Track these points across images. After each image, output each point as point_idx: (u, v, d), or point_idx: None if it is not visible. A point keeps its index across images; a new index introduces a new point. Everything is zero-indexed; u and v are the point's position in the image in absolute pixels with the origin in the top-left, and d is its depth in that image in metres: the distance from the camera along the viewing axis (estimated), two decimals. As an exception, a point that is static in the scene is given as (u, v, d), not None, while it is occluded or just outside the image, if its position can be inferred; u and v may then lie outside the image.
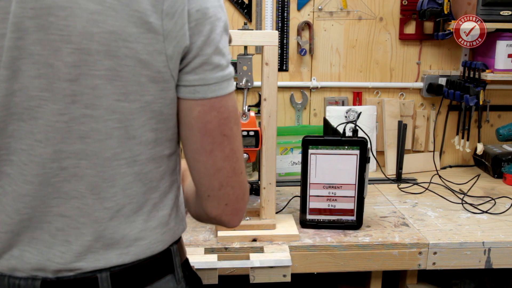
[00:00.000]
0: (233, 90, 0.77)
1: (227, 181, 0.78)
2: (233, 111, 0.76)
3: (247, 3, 2.00)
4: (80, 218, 0.74)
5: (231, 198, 0.80)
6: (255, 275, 1.33)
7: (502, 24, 1.87)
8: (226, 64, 0.75)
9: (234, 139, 0.77)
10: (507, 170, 1.97)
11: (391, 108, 2.08)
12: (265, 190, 1.42)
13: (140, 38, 0.68)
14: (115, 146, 0.72)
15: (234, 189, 0.79)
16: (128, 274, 0.77)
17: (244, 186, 0.81)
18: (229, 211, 0.81)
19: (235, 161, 0.78)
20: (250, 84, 1.39)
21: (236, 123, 0.77)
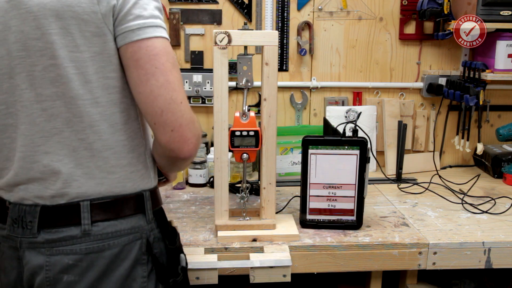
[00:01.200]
0: (161, 36, 0.95)
1: (167, 107, 0.93)
2: (163, 50, 0.94)
3: (247, 3, 2.00)
4: (60, 151, 0.96)
5: (175, 124, 0.94)
6: (255, 275, 1.33)
7: (502, 24, 1.87)
8: (148, 15, 0.94)
9: (167, 71, 0.94)
10: (507, 170, 1.97)
11: (391, 108, 2.08)
12: (265, 190, 1.42)
13: (80, 3, 0.91)
14: (77, 88, 0.94)
15: (175, 116, 0.94)
16: (104, 205, 0.98)
17: (186, 114, 0.95)
18: (176, 138, 0.95)
19: (172, 90, 0.94)
20: (250, 84, 1.39)
21: (169, 61, 0.94)
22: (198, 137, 0.99)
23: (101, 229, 0.97)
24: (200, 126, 1.02)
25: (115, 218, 0.99)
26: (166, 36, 0.97)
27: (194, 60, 2.03)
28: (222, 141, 1.38)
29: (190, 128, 0.96)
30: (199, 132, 1.00)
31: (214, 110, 1.36)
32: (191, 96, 2.04)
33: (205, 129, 2.09)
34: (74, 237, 0.96)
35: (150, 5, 0.95)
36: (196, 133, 0.98)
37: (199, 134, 1.00)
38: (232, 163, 1.88)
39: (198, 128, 0.99)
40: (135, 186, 1.02)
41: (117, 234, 0.99)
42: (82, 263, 0.96)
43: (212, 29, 2.00)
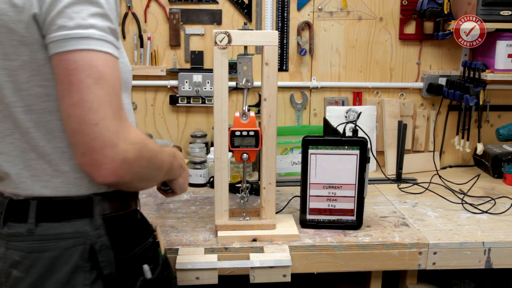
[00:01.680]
0: (86, 49, 0.86)
1: (78, 129, 0.86)
2: (84, 65, 0.86)
3: (247, 3, 2.00)
4: (12, 152, 0.96)
5: (86, 147, 0.87)
6: (255, 275, 1.33)
7: (502, 24, 1.87)
8: (74, 26, 0.85)
9: (85, 89, 0.85)
10: (507, 170, 1.97)
11: (391, 108, 2.08)
12: (265, 190, 1.42)
13: (6, 12, 0.88)
14: (9, 95, 0.92)
15: (86, 138, 0.86)
16: (50, 205, 0.96)
17: (101, 137, 0.86)
18: (87, 162, 0.88)
19: (86, 110, 0.85)
20: (250, 84, 1.39)
21: (91, 77, 0.86)
22: (123, 162, 0.88)
23: (44, 230, 0.96)
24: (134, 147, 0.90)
25: (59, 220, 0.96)
26: (96, 48, 0.87)
27: (194, 60, 2.04)
28: (222, 141, 1.38)
29: (105, 153, 0.86)
30: (124, 155, 0.88)
31: (214, 110, 1.36)
32: (191, 96, 2.04)
33: (205, 129, 2.09)
34: (21, 234, 0.96)
35: (81, 13, 0.86)
36: (117, 158, 0.87)
37: (124, 158, 0.88)
38: (232, 163, 1.88)
39: (121, 151, 0.87)
40: (82, 191, 0.98)
41: (58, 237, 0.95)
42: (26, 261, 0.96)
43: (212, 29, 2.00)
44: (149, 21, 2.01)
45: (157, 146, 1.02)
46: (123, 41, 2.00)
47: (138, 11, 1.99)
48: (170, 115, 2.10)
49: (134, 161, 0.90)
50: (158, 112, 2.09)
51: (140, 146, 0.91)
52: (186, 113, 2.10)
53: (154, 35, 2.02)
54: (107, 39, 0.88)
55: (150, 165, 0.97)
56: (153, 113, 2.09)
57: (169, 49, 2.03)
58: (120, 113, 0.89)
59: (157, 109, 2.09)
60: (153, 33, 2.02)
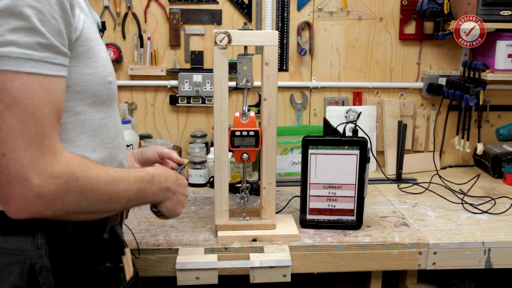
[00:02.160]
0: (3, 70, 0.76)
1: None
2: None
3: (247, 3, 2.00)
4: None
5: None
6: (255, 275, 1.33)
7: (502, 24, 1.87)
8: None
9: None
10: (507, 170, 1.97)
11: (391, 108, 2.08)
12: (265, 190, 1.42)
13: None
14: None
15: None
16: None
17: (5, 171, 0.77)
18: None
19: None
20: (250, 84, 1.39)
21: (2, 102, 0.76)
22: (35, 198, 0.79)
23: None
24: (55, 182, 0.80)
25: (3, 233, 0.87)
26: (11, 68, 0.77)
27: (194, 60, 2.04)
28: (222, 141, 1.38)
29: (12, 187, 0.77)
30: (38, 191, 0.79)
31: (214, 110, 1.36)
32: (191, 96, 2.04)
33: (205, 129, 2.09)
34: None
35: (0, 27, 0.76)
36: (26, 194, 0.78)
37: (38, 194, 0.79)
38: (232, 163, 1.88)
39: (34, 187, 0.78)
40: None
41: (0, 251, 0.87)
42: None
43: (212, 29, 2.00)
44: (149, 21, 2.01)
45: (108, 174, 0.90)
46: (123, 41, 2.01)
47: (138, 11, 1.99)
48: (170, 115, 2.10)
49: (55, 196, 0.80)
50: (158, 112, 2.09)
51: (66, 180, 0.81)
52: (186, 113, 2.10)
53: (154, 35, 2.02)
54: (32, 56, 0.77)
55: (85, 199, 0.86)
56: (153, 113, 2.09)
57: (169, 49, 2.04)
58: (41, 142, 0.79)
59: (157, 109, 2.09)
60: (153, 33, 2.02)
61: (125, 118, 1.87)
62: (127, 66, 2.02)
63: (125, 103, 2.04)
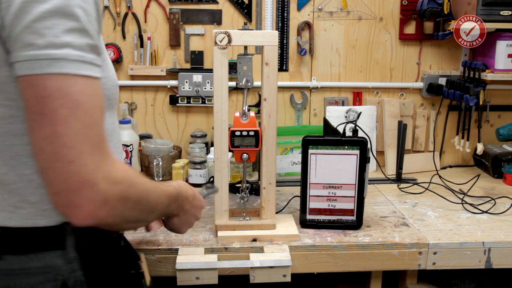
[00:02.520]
0: (58, 73, 0.74)
1: (49, 166, 0.75)
2: (57, 93, 0.73)
3: (247, 3, 2.00)
4: None
5: (60, 187, 0.75)
6: (255, 275, 1.33)
7: (502, 24, 1.87)
8: (45, 44, 0.73)
9: (58, 121, 0.73)
10: (507, 170, 1.97)
11: (391, 108, 2.08)
12: (265, 190, 1.42)
13: None
14: None
15: (60, 178, 0.75)
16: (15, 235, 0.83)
17: (76, 177, 0.75)
18: (61, 202, 0.77)
19: (60, 145, 0.74)
20: (250, 84, 1.39)
21: (66, 106, 0.74)
22: (102, 203, 0.77)
23: (8, 265, 0.83)
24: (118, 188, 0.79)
25: (25, 253, 0.83)
26: (71, 71, 0.74)
27: (194, 60, 2.03)
28: (222, 141, 1.38)
29: (82, 194, 0.75)
30: (105, 196, 0.77)
31: (214, 110, 1.36)
32: (191, 96, 2.04)
33: (205, 129, 2.09)
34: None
35: (56, 28, 0.73)
36: (97, 199, 0.76)
37: (105, 199, 0.77)
38: (232, 163, 1.88)
39: (102, 192, 0.77)
40: (52, 220, 0.85)
41: (25, 272, 0.83)
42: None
43: (212, 29, 2.00)
44: (149, 21, 2.01)
45: (151, 185, 0.89)
46: (123, 41, 2.01)
47: (138, 11, 1.99)
48: (170, 115, 2.10)
49: (117, 202, 0.79)
50: (158, 112, 2.09)
51: (127, 186, 0.81)
52: (186, 113, 2.10)
53: (154, 35, 2.02)
54: (85, 59, 0.76)
55: (138, 207, 0.86)
56: (153, 113, 2.09)
57: (169, 49, 2.04)
58: (101, 146, 0.78)
59: (157, 109, 2.09)
60: (153, 33, 2.02)
61: (125, 118, 1.87)
62: (127, 66, 2.02)
63: (125, 103, 2.04)
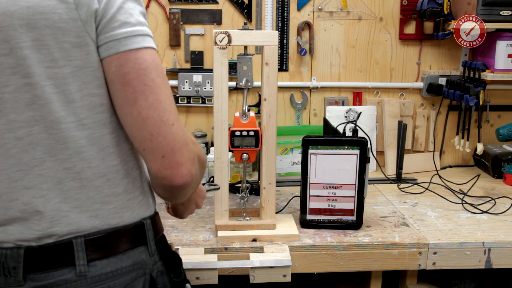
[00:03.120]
0: (150, 47, 0.83)
1: (157, 131, 0.81)
2: (153, 64, 0.82)
3: (247, 3, 2.00)
4: (43, 185, 0.83)
5: (166, 149, 0.82)
6: (255, 275, 1.33)
7: (502, 24, 1.87)
8: (135, 22, 0.82)
9: (158, 89, 0.81)
10: (507, 170, 1.97)
11: (391, 108, 2.08)
12: (265, 190, 1.42)
13: (55, 9, 0.77)
14: (59, 110, 0.81)
15: (167, 140, 0.82)
16: (101, 240, 0.85)
17: (178, 137, 0.83)
18: (167, 164, 0.82)
19: (162, 111, 0.81)
20: (250, 84, 1.39)
21: (159, 76, 0.82)
22: (194, 160, 0.85)
23: (99, 269, 0.84)
24: (196, 146, 0.89)
25: (114, 254, 0.86)
26: (154, 46, 0.85)
27: (194, 60, 2.03)
28: (222, 141, 1.38)
29: (183, 153, 0.83)
30: (195, 153, 0.87)
31: (214, 110, 1.36)
32: (191, 96, 2.04)
33: (205, 129, 2.09)
34: (67, 281, 0.82)
35: (135, 10, 0.82)
36: (190, 157, 0.84)
37: (195, 156, 0.86)
38: (232, 163, 1.88)
39: (192, 150, 0.86)
40: (133, 215, 0.90)
41: (118, 273, 0.86)
42: None
43: (212, 29, 2.00)
44: (149, 21, 2.01)
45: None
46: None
47: (138, 11, 1.99)
48: (170, 115, 2.09)
49: (197, 160, 0.88)
50: (158, 112, 2.09)
51: (193, 142, 0.89)
52: (186, 113, 2.10)
53: (154, 35, 2.00)
54: (152, 36, 0.86)
55: (201, 165, 0.93)
56: (153, 113, 2.09)
57: (169, 49, 2.04)
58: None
59: (157, 109, 2.08)
60: (153, 33, 2.00)
61: (125, 118, 1.87)
62: (127, 66, 2.02)
63: (125, 103, 2.04)
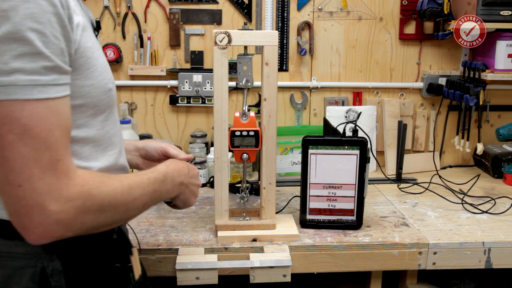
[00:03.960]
0: (6, 99, 0.74)
1: (2, 189, 0.77)
2: (4, 120, 0.74)
3: (247, 3, 2.00)
4: None
5: (11, 209, 0.78)
6: (255, 275, 1.33)
7: (502, 24, 1.87)
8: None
9: (6, 147, 0.75)
10: (507, 170, 1.97)
11: (391, 108, 2.08)
12: (265, 190, 1.42)
13: None
14: None
15: (11, 200, 0.77)
16: (6, 224, 0.84)
17: (25, 201, 0.76)
18: (15, 223, 0.79)
19: (8, 171, 0.76)
20: (250, 84, 1.39)
21: (13, 133, 0.75)
22: (54, 224, 0.78)
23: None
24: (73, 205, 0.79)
25: (12, 238, 0.86)
26: (19, 97, 0.74)
27: (194, 60, 2.04)
28: (222, 141, 1.38)
29: (31, 217, 0.76)
30: (57, 217, 0.78)
31: (214, 110, 1.36)
32: (191, 96, 2.04)
33: (205, 129, 2.09)
34: None
35: (4, 55, 0.73)
36: (44, 221, 0.77)
37: (57, 220, 0.78)
38: (232, 163, 1.88)
39: (53, 213, 0.77)
40: None
41: (10, 255, 0.88)
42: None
43: (212, 29, 2.00)
44: (149, 21, 2.01)
45: (124, 183, 0.89)
46: (123, 41, 2.01)
47: (138, 11, 1.99)
48: (170, 115, 2.10)
49: (74, 219, 0.80)
50: (158, 112, 2.09)
51: (83, 201, 0.81)
52: (186, 113, 2.10)
53: (154, 35, 2.02)
54: (38, 82, 0.75)
55: (104, 214, 0.85)
56: (153, 113, 2.09)
57: (169, 49, 2.04)
58: (56, 167, 0.78)
59: (157, 109, 2.09)
60: (153, 33, 2.02)
61: (125, 118, 1.87)
62: (127, 66, 2.02)
63: (125, 103, 2.04)
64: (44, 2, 0.75)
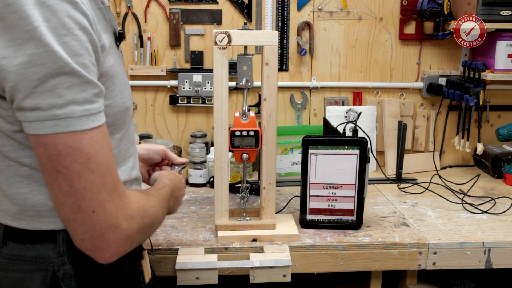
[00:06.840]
0: (66, 132, 0.76)
1: (74, 217, 0.80)
2: (68, 150, 0.77)
3: (247, 3, 2.00)
4: None
5: (86, 235, 0.81)
6: (255, 275, 1.33)
7: (502, 24, 1.87)
8: (48, 106, 0.75)
9: (73, 177, 0.78)
10: (507, 170, 1.97)
11: (391, 108, 2.08)
12: (265, 190, 1.42)
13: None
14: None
15: (85, 226, 0.80)
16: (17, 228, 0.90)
17: (99, 224, 0.80)
18: (87, 247, 0.82)
19: (80, 199, 0.78)
20: (250, 84, 1.39)
21: (78, 163, 0.77)
22: (125, 241, 0.83)
23: (9, 249, 0.91)
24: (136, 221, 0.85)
25: (24, 242, 0.90)
26: (77, 128, 0.77)
27: (194, 60, 2.03)
28: (222, 141, 1.38)
29: (106, 237, 0.81)
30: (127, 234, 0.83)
31: (214, 110, 1.36)
32: (191, 96, 2.04)
33: (205, 129, 2.09)
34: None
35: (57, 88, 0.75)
36: (118, 239, 0.82)
37: (127, 236, 0.83)
38: (232, 163, 1.88)
39: (124, 231, 0.83)
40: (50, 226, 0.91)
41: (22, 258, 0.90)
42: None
43: (212, 29, 2.00)
44: (149, 21, 2.01)
45: (156, 200, 0.96)
46: (123, 41, 2.00)
47: (138, 11, 1.99)
48: (170, 115, 2.10)
49: (137, 234, 0.86)
50: (158, 112, 2.09)
51: (142, 216, 0.87)
52: (186, 113, 2.10)
53: (154, 35, 2.02)
54: (91, 111, 0.78)
55: (152, 228, 0.93)
56: (153, 113, 2.09)
57: (169, 49, 2.04)
58: (117, 188, 0.82)
59: (157, 109, 2.09)
60: (153, 33, 2.02)
61: (125, 118, 1.87)
62: (127, 66, 2.02)
63: (125, 103, 2.04)
64: (79, 32, 0.77)
